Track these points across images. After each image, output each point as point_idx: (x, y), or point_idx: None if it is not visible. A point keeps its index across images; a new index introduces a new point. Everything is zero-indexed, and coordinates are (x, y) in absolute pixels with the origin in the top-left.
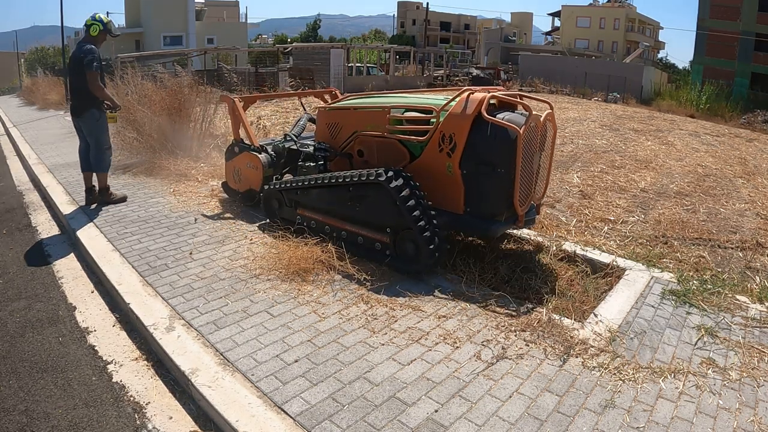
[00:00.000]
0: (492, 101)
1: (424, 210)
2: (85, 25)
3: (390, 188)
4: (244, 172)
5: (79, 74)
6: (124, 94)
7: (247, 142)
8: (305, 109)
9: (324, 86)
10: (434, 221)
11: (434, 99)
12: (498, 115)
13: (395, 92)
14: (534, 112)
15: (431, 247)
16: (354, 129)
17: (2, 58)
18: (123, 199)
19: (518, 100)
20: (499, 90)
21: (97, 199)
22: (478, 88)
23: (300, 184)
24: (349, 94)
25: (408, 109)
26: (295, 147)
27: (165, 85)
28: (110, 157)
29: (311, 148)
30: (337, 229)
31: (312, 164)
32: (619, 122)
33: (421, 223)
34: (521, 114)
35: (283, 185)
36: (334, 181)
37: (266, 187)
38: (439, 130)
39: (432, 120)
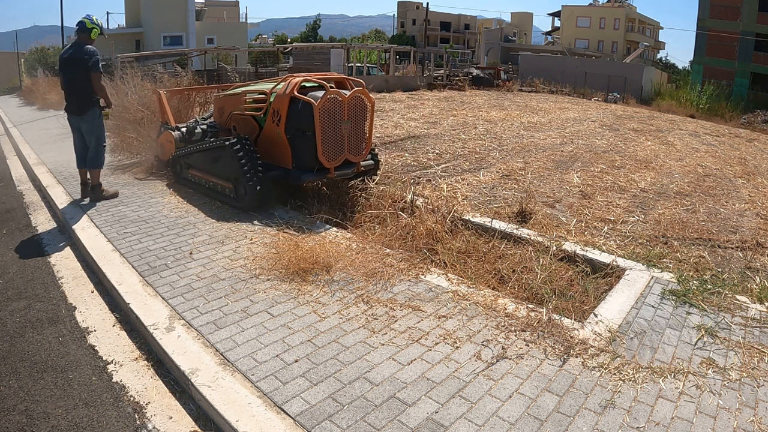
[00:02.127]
0: (313, 84)
1: (252, 164)
2: (84, 27)
3: (231, 150)
4: (165, 145)
5: (82, 74)
6: (124, 94)
7: (169, 124)
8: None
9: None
10: (259, 171)
11: (269, 85)
12: (309, 94)
13: (253, 82)
14: (335, 89)
15: (254, 189)
16: (230, 110)
17: (2, 58)
18: (115, 195)
19: (324, 82)
20: (317, 75)
21: (90, 194)
22: (298, 74)
23: (188, 151)
24: (236, 84)
25: (255, 93)
26: (201, 127)
27: (165, 85)
28: (105, 155)
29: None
30: (209, 182)
31: (213, 139)
32: (619, 122)
33: (249, 173)
34: (323, 91)
35: (180, 152)
36: (204, 147)
37: (172, 155)
38: (272, 107)
39: (267, 100)
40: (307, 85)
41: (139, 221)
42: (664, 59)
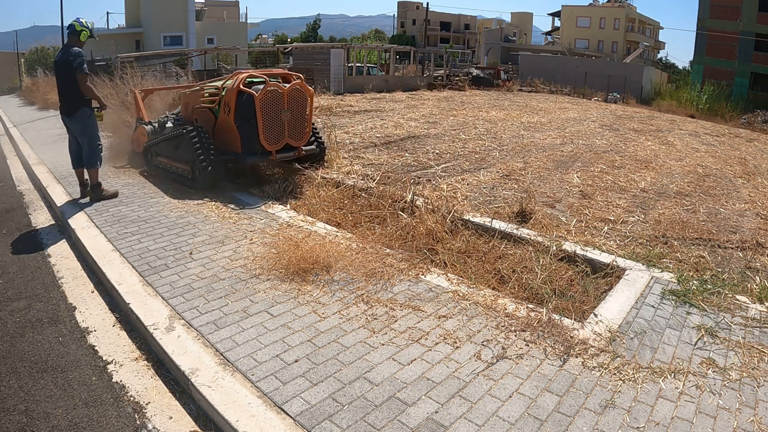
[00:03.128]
0: (259, 78)
1: (204, 149)
2: (74, 29)
3: (188, 137)
4: (139, 139)
5: (70, 76)
6: (124, 94)
7: (143, 119)
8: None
9: (325, 86)
10: (211, 155)
11: (224, 81)
12: (253, 87)
13: (212, 79)
14: (274, 82)
15: (204, 167)
16: (193, 104)
17: (2, 58)
18: (115, 195)
19: (266, 77)
20: (262, 71)
21: (89, 194)
22: (245, 70)
23: (155, 141)
24: (201, 83)
25: (211, 88)
26: (171, 121)
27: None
28: (101, 154)
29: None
30: (172, 167)
31: (175, 128)
32: (619, 122)
33: (202, 156)
34: (263, 84)
35: (149, 143)
36: (167, 136)
37: (144, 145)
38: (223, 100)
39: (219, 93)
40: (255, 80)
41: (139, 221)
42: (664, 59)
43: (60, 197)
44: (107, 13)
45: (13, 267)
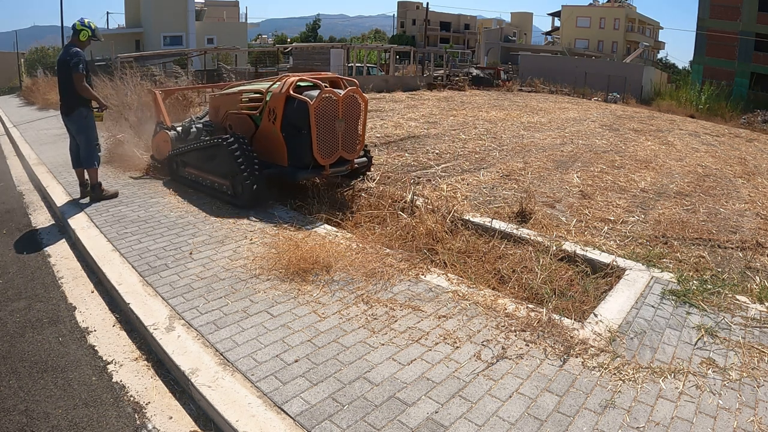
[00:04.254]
0: (308, 83)
1: (248, 162)
2: (74, 28)
3: (227, 147)
4: (161, 145)
5: (66, 76)
6: (124, 94)
7: (164, 124)
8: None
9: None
10: (255, 169)
11: (266, 84)
12: (304, 93)
13: (252, 81)
14: (329, 88)
15: (250, 186)
16: (226, 109)
17: (2, 58)
18: (115, 195)
19: (318, 81)
20: (312, 74)
21: (89, 194)
22: (293, 74)
23: (184, 149)
24: (232, 84)
25: (251, 92)
26: (196, 126)
27: (166, 85)
28: (99, 154)
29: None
30: (205, 179)
31: (208, 137)
32: (619, 122)
33: (245, 171)
34: (318, 90)
35: (176, 151)
36: (200, 145)
37: (168, 154)
38: (268, 106)
39: (263, 99)
40: (303, 84)
41: (139, 221)
42: (664, 59)
43: (60, 197)
44: (107, 13)
45: (13, 267)
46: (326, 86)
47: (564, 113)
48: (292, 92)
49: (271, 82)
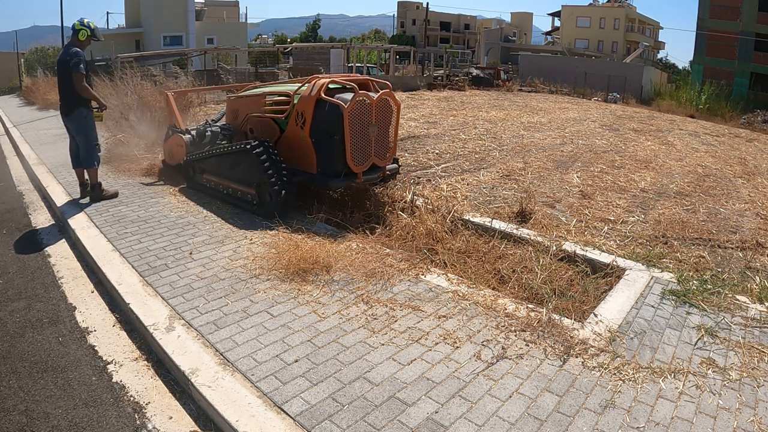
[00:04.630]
0: (338, 85)
1: (276, 169)
2: (73, 28)
3: (253, 153)
4: (174, 150)
5: (66, 76)
6: (124, 94)
7: (177, 127)
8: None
9: None
10: (284, 176)
11: (293, 86)
12: (336, 96)
13: (273, 83)
14: (364, 92)
15: (279, 195)
16: (246, 112)
17: (2, 58)
18: (115, 195)
19: (351, 83)
20: (343, 76)
21: (89, 194)
22: (324, 75)
23: (203, 155)
24: (250, 85)
25: (275, 94)
26: (210, 129)
27: (167, 86)
28: (99, 154)
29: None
30: (226, 187)
31: (225, 142)
32: (619, 122)
33: (273, 178)
34: (351, 93)
35: (193, 156)
36: (222, 151)
37: (183, 159)
38: (295, 109)
39: (290, 102)
40: (332, 86)
41: (139, 221)
42: (664, 59)
43: (60, 197)
44: (107, 13)
45: (13, 267)
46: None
47: (564, 113)
48: (323, 95)
49: (299, 84)
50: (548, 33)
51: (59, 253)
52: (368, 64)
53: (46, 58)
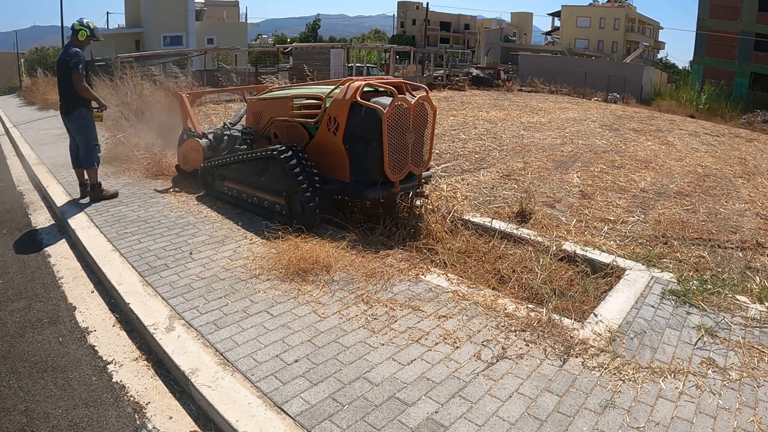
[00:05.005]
0: (371, 88)
1: (307, 176)
2: (73, 28)
3: (282, 160)
4: (190, 155)
5: (66, 76)
6: (124, 94)
7: (193, 130)
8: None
9: None
10: (316, 185)
11: (324, 88)
12: (372, 99)
13: (300, 85)
14: (402, 96)
15: (311, 205)
16: (270, 116)
17: (2, 58)
18: (115, 195)
19: (389, 86)
20: (378, 78)
21: (89, 194)
22: (358, 78)
23: (224, 161)
24: (273, 87)
25: (305, 97)
26: (228, 133)
27: (167, 86)
28: (99, 154)
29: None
30: (250, 196)
31: (244, 147)
32: (619, 122)
33: (304, 186)
34: (389, 97)
35: (213, 162)
36: (246, 157)
37: (201, 165)
38: (327, 114)
39: (321, 105)
40: (366, 89)
41: (139, 221)
42: (664, 59)
43: (60, 197)
44: (107, 13)
45: (13, 267)
46: (391, 93)
47: (564, 113)
48: (359, 99)
49: (332, 87)
50: (548, 33)
51: (59, 253)
52: (368, 64)
53: (46, 58)
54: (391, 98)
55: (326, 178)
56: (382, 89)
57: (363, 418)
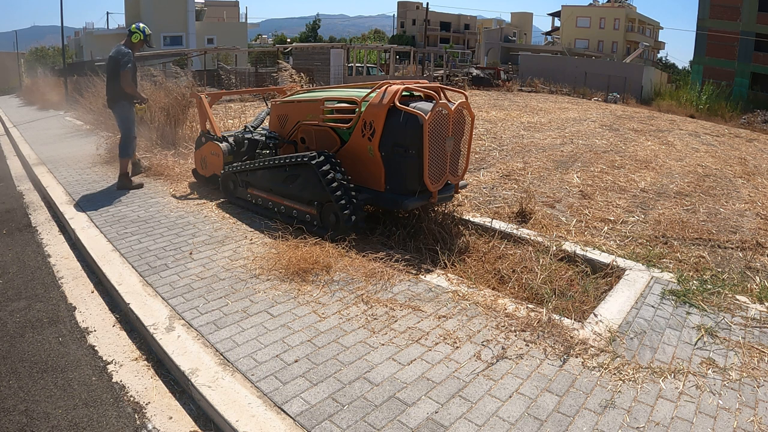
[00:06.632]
0: (408, 92)
1: (342, 185)
2: (129, 30)
3: (315, 167)
4: (209, 159)
5: (114, 72)
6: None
7: (212, 133)
8: (267, 104)
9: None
10: (352, 195)
11: (359, 91)
12: (411, 104)
13: (332, 87)
14: (443, 101)
15: (347, 215)
16: (297, 119)
17: (2, 58)
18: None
19: (429, 91)
20: (415, 82)
21: (129, 182)
22: (395, 81)
23: (249, 166)
24: (299, 89)
25: (337, 100)
26: (249, 136)
27: (167, 87)
28: (134, 146)
29: (263, 138)
30: (277, 204)
31: (267, 151)
32: (619, 122)
33: (339, 194)
34: (430, 102)
35: (236, 168)
36: (274, 163)
37: (223, 170)
38: (361, 118)
39: (356, 110)
40: (404, 93)
41: (139, 221)
42: (664, 59)
43: (60, 197)
44: (107, 13)
45: (13, 267)
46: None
47: (564, 113)
48: (397, 103)
49: (367, 90)
50: (548, 33)
51: (59, 253)
52: (368, 64)
53: (45, 58)
54: (431, 103)
55: (359, 187)
56: (417, 93)
57: (363, 418)
